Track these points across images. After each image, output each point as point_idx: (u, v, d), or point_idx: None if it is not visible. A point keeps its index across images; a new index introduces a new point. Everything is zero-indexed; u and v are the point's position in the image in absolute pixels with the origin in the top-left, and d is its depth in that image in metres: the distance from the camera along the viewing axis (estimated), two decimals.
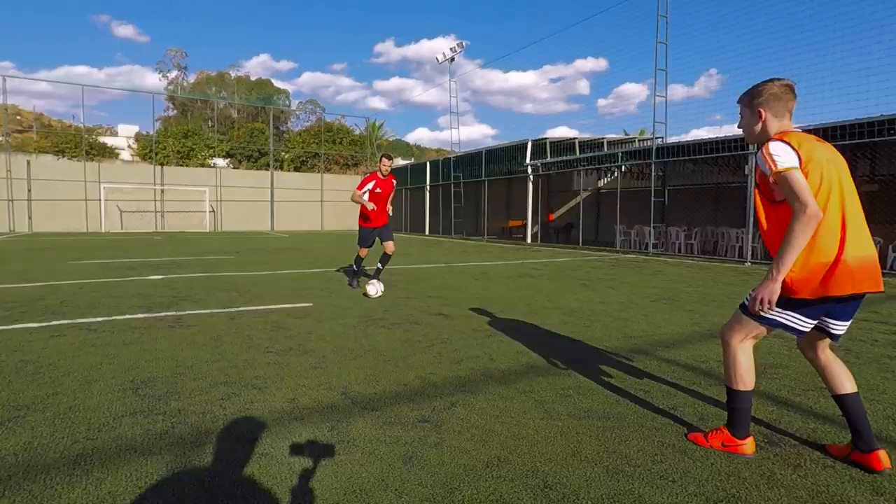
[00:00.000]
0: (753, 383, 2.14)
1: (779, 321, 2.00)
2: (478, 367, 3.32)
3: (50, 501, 1.72)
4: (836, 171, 1.93)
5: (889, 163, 13.78)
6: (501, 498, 1.79)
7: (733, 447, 2.13)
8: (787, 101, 2.03)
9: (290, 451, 2.11)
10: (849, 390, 2.04)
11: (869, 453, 1.97)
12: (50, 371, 3.10)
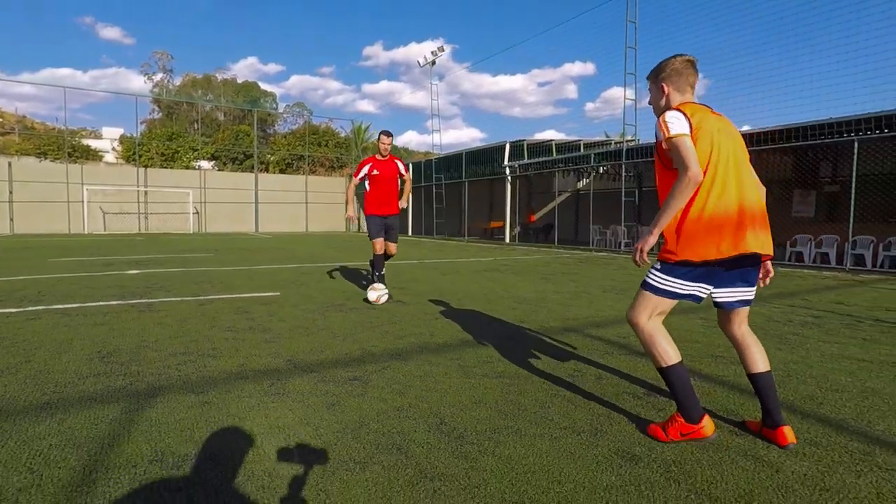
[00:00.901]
0: (678, 355, 2.06)
1: (676, 292, 2.02)
2: (417, 342, 3.68)
3: (18, 434, 2.04)
4: (730, 142, 2.00)
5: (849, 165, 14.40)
6: (401, 431, 2.15)
7: (693, 433, 2.01)
8: (687, 75, 2.13)
9: (230, 400, 2.45)
10: (761, 369, 2.08)
11: (775, 429, 2.02)
12: (24, 345, 3.40)
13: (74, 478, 1.72)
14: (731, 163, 1.97)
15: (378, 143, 5.57)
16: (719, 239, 1.91)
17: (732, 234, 1.92)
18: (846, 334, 4.13)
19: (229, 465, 1.83)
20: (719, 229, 1.91)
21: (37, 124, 50.81)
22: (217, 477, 1.74)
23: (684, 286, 2.01)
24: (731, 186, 1.95)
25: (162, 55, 54.65)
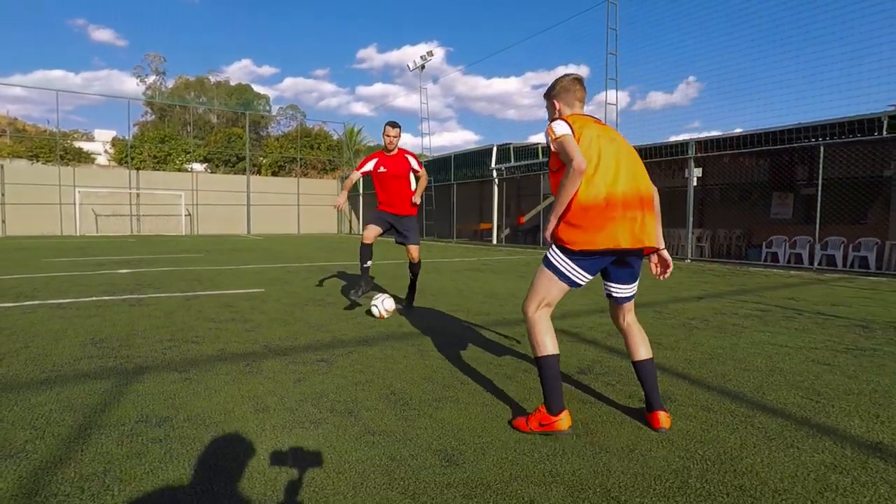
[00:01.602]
0: (555, 348, 2.17)
1: (562, 272, 2.17)
2: (385, 332, 4.02)
3: (22, 402, 2.37)
4: (612, 146, 2.17)
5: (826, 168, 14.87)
6: (355, 400, 2.49)
7: (549, 425, 2.10)
8: (574, 91, 2.33)
9: (208, 377, 2.78)
10: (643, 357, 2.26)
11: (651, 412, 2.19)
12: (22, 334, 3.71)
13: (71, 433, 2.04)
14: (612, 163, 2.12)
15: (383, 135, 4.78)
16: (594, 232, 2.06)
17: (607, 228, 2.05)
18: (782, 325, 4.51)
19: (203, 424, 2.16)
20: (593, 223, 2.06)
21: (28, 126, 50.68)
22: (192, 433, 2.07)
23: (570, 268, 2.16)
24: (608, 183, 2.08)
25: (154, 57, 54.75)
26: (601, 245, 2.07)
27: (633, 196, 2.12)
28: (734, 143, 12.20)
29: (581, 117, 2.25)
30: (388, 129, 4.79)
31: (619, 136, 2.29)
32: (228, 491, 1.63)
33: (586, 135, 2.13)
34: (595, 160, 2.10)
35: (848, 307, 5.54)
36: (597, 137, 2.15)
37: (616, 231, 2.06)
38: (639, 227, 2.10)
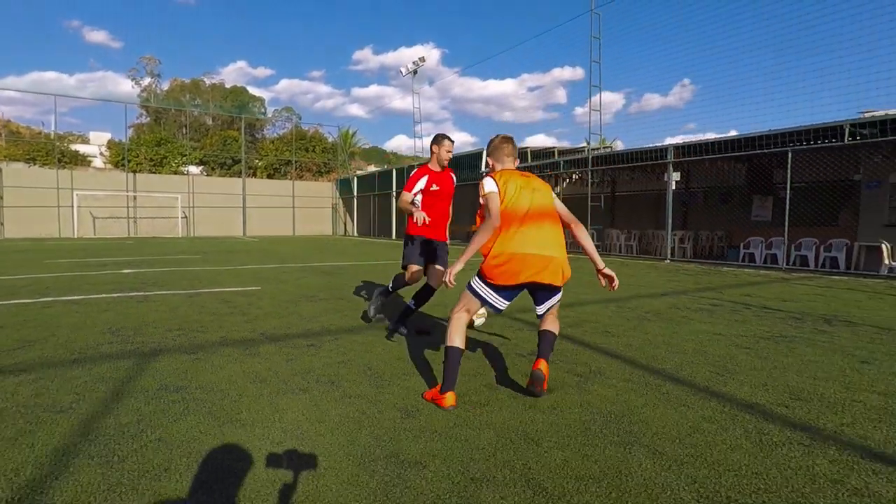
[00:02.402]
0: (461, 343, 2.59)
1: (484, 297, 2.69)
2: (366, 324, 4.52)
3: (60, 376, 2.85)
4: (529, 195, 2.64)
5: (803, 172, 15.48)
6: (337, 374, 2.99)
7: (438, 400, 2.50)
8: (503, 149, 2.82)
9: (214, 357, 3.28)
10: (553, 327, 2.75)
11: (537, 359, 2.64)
12: (46, 325, 4.19)
13: (106, 397, 2.54)
14: (528, 215, 2.61)
15: (438, 148, 4.13)
16: (507, 274, 2.58)
17: (514, 272, 2.56)
18: (726, 317, 5.03)
19: (212, 390, 2.65)
20: (505, 268, 2.57)
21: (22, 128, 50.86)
22: (203, 396, 2.57)
23: (491, 296, 2.68)
24: (519, 239, 2.56)
25: (150, 60, 55.05)
26: (513, 281, 2.59)
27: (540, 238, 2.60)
28: (709, 149, 12.77)
29: (509, 174, 2.72)
30: (446, 142, 4.14)
31: (537, 181, 2.77)
32: (235, 433, 2.13)
33: (509, 190, 2.63)
34: (509, 214, 2.59)
35: (794, 302, 6.08)
36: (518, 189, 2.64)
37: (520, 275, 2.56)
38: (542, 269, 2.58)
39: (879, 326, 4.60)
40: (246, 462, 1.88)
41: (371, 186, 28.83)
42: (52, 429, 2.15)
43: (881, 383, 2.93)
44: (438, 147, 4.12)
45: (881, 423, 2.32)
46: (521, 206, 2.61)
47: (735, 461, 1.93)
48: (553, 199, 2.79)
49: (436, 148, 4.14)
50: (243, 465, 1.85)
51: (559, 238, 2.69)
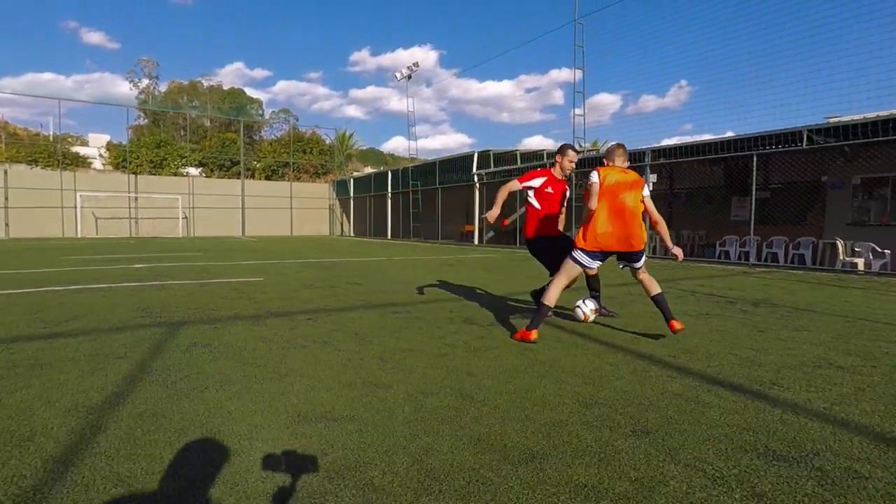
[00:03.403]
0: (553, 304, 3.71)
1: (581, 262, 3.76)
2: (360, 303, 5.28)
3: (108, 337, 3.60)
4: (621, 188, 3.63)
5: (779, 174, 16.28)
6: (331, 337, 3.74)
7: (526, 336, 3.61)
8: (615, 151, 3.88)
9: (229, 327, 4.02)
10: (655, 293, 3.79)
11: (668, 322, 3.70)
12: (82, 306, 4.93)
13: (149, 350, 3.28)
14: (618, 200, 3.63)
15: (561, 158, 4.35)
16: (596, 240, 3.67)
17: (604, 239, 3.66)
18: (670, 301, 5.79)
19: (230, 347, 3.40)
20: (597, 235, 3.66)
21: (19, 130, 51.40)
22: (224, 350, 3.31)
23: (583, 258, 3.75)
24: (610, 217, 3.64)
25: (148, 62, 55.65)
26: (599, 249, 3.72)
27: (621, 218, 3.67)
28: (683, 152, 13.57)
29: (610, 167, 3.78)
30: (570, 153, 4.33)
31: (632, 176, 3.75)
32: (253, 371, 2.88)
33: (609, 178, 3.66)
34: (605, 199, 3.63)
35: (738, 291, 6.86)
36: (613, 183, 3.64)
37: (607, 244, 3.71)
38: (624, 239, 3.70)
39: (795, 307, 5.38)
40: (263, 385, 2.64)
41: (367, 188, 29.59)
42: (117, 367, 2.90)
43: (762, 343, 3.70)
44: (562, 157, 4.35)
45: (740, 367, 3.08)
46: (614, 192, 3.64)
47: (615, 385, 2.69)
48: (642, 191, 3.78)
49: (559, 158, 4.37)
50: (261, 387, 2.61)
51: (638, 218, 3.72)
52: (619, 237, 3.66)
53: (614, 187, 3.64)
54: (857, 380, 2.82)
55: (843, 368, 3.04)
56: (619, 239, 3.67)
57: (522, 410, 2.31)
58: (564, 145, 4.40)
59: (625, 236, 3.67)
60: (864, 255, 10.69)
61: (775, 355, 3.35)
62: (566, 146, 4.39)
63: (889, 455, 1.87)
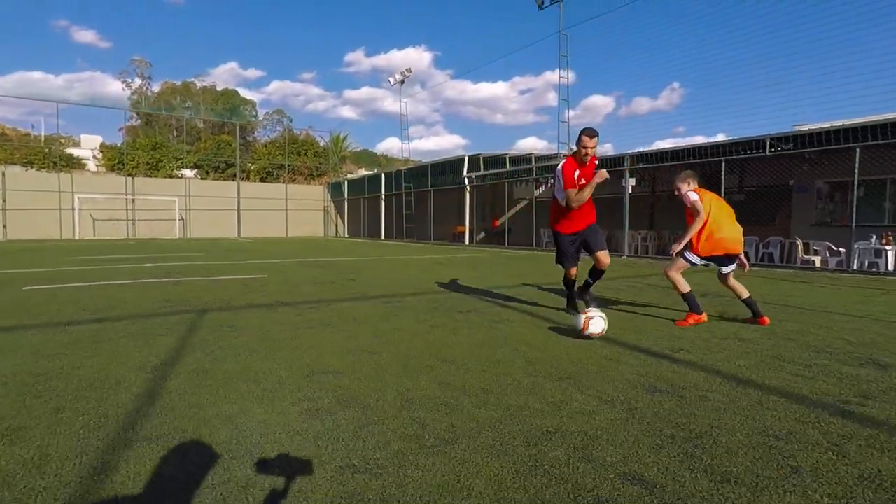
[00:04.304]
0: (688, 286, 4.54)
1: (689, 260, 4.49)
2: (357, 295, 6.00)
3: (147, 321, 4.30)
4: (717, 203, 4.45)
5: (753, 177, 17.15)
6: (332, 321, 4.47)
7: (696, 320, 4.40)
8: (691, 174, 4.57)
9: (245, 313, 4.74)
10: (745, 296, 4.48)
11: (757, 319, 4.42)
12: (111, 298, 5.62)
13: (185, 331, 3.99)
14: (720, 214, 4.40)
15: (579, 146, 4.30)
16: (709, 247, 4.41)
17: (714, 246, 4.39)
18: (628, 293, 6.56)
19: (249, 327, 4.12)
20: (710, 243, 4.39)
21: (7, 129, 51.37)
22: (246, 329, 4.03)
23: (694, 259, 4.52)
24: (717, 227, 4.36)
25: (140, 63, 55.88)
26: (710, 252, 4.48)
27: (726, 226, 4.44)
28: (657, 158, 14.41)
29: (700, 189, 4.54)
30: (584, 139, 4.23)
31: (720, 198, 4.60)
32: (273, 343, 3.60)
33: (706, 199, 4.45)
34: (711, 213, 4.39)
35: (697, 285, 7.57)
36: (712, 199, 4.49)
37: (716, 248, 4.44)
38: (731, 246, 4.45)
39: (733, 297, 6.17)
40: (282, 353, 3.36)
41: (361, 190, 30.27)
42: (163, 341, 3.61)
43: (715, 334, 4.46)
44: (578, 144, 4.36)
45: (665, 340, 3.85)
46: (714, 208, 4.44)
47: (557, 352, 3.45)
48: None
49: (578, 145, 4.38)
50: (280, 354, 3.33)
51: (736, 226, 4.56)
52: (728, 244, 4.41)
53: (712, 203, 4.40)
54: (748, 347, 3.60)
55: (743, 340, 3.82)
56: (730, 245, 4.42)
57: (482, 367, 3.05)
58: (581, 131, 4.37)
59: (734, 242, 4.45)
60: (821, 253, 11.56)
61: (696, 332, 4.12)
62: (582, 131, 4.33)
63: (733, 388, 2.63)
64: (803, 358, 3.31)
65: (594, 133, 4.28)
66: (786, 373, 2.97)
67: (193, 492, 1.60)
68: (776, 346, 3.67)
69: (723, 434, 2.07)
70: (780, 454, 1.89)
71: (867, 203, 13.56)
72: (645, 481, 1.69)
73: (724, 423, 2.17)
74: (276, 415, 2.26)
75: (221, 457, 1.83)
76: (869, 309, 5.46)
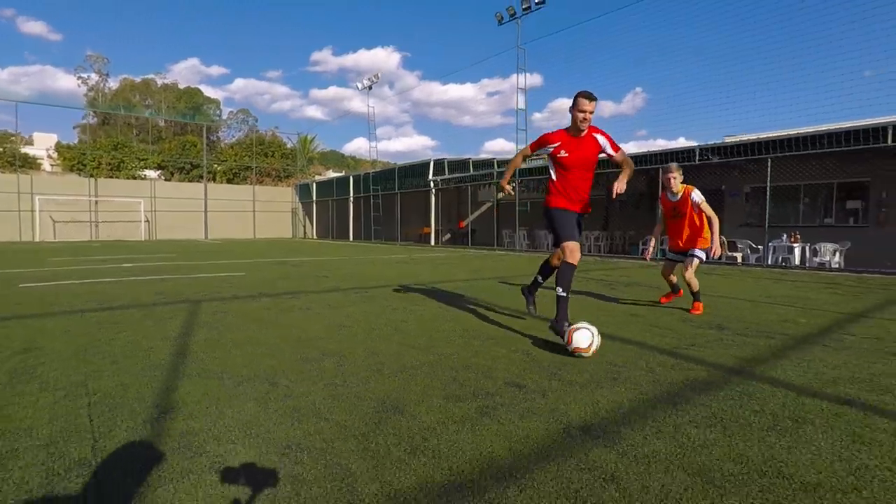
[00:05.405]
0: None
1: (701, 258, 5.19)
2: (326, 289, 6.88)
3: (151, 309, 5.08)
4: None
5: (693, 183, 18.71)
6: (310, 307, 5.35)
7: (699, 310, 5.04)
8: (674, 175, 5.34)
9: (234, 303, 5.57)
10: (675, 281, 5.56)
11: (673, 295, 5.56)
12: (107, 293, 6.32)
13: (187, 316, 4.80)
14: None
15: (574, 110, 3.59)
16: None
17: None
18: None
19: (240, 313, 4.96)
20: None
21: None
22: (238, 313, 4.87)
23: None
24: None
25: (97, 58, 54.40)
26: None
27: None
28: (608, 164, 15.75)
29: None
30: (582, 101, 3.54)
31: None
32: (261, 323, 4.47)
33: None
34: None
35: (627, 277, 8.85)
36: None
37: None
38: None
39: (650, 286, 7.37)
40: (272, 330, 4.25)
41: (329, 192, 30.83)
42: (172, 323, 4.43)
43: (606, 306, 5.57)
44: (573, 108, 3.60)
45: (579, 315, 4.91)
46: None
47: (490, 325, 4.45)
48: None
49: (572, 109, 3.61)
50: (271, 331, 4.22)
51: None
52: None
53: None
54: (638, 319, 4.70)
55: (636, 316, 4.93)
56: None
57: (428, 334, 4.03)
58: (577, 93, 3.57)
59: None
60: (743, 250, 13.09)
61: (598, 312, 5.22)
62: (578, 94, 3.57)
63: (624, 349, 3.70)
64: (670, 324, 4.44)
65: (593, 96, 3.54)
66: (648, 333, 4.07)
67: (233, 399, 2.50)
68: (658, 318, 4.80)
69: (579, 363, 3.11)
70: (612, 371, 2.95)
71: (782, 206, 15.29)
72: (520, 386, 2.70)
73: (583, 362, 3.22)
74: (279, 361, 3.17)
75: (244, 383, 2.74)
76: (752, 294, 6.74)
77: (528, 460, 1.86)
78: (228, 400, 2.48)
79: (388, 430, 2.12)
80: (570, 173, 3.80)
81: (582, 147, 3.73)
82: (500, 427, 2.16)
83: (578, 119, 3.60)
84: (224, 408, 2.37)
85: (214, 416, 2.26)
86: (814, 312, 5.23)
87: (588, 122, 3.62)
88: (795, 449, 1.96)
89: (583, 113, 3.57)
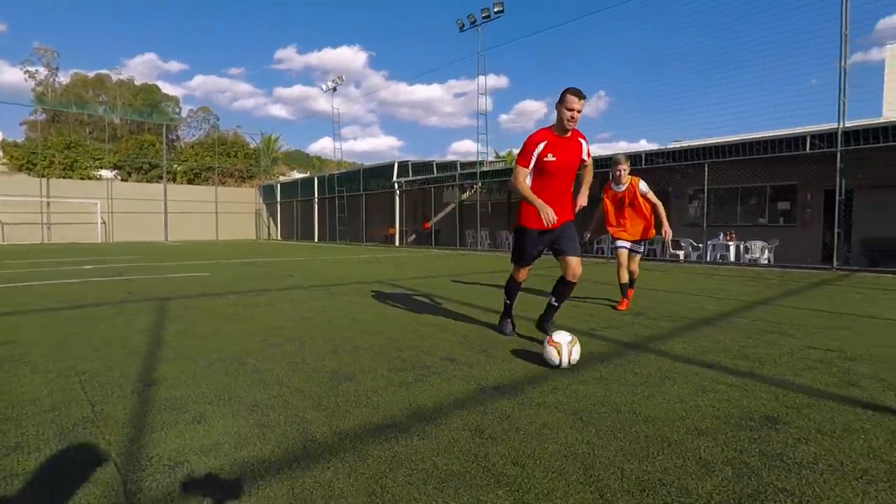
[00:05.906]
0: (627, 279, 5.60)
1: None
2: (290, 287, 7.27)
3: (121, 307, 5.39)
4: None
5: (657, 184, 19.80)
6: (274, 303, 5.76)
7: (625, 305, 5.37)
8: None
9: (204, 299, 5.91)
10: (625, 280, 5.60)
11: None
12: (76, 294, 6.53)
13: (158, 312, 5.14)
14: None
15: (559, 106, 3.39)
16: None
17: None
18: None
19: (208, 310, 5.33)
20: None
21: None
22: (206, 309, 5.24)
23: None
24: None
25: (46, 51, 52.11)
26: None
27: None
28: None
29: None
30: (570, 98, 3.32)
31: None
32: (229, 319, 4.87)
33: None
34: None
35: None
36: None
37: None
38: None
39: (598, 282, 8.09)
40: (242, 324, 4.65)
41: (294, 192, 30.79)
42: (144, 318, 4.77)
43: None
44: (560, 105, 3.37)
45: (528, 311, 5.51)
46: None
47: (441, 316, 4.99)
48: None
49: (558, 107, 3.40)
50: (240, 325, 4.62)
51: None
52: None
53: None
54: (571, 308, 5.34)
55: (576, 307, 5.57)
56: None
57: (380, 322, 4.54)
58: (566, 89, 3.35)
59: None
60: (685, 248, 14.13)
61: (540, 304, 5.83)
62: (567, 90, 3.34)
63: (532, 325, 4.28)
64: (595, 311, 5.09)
65: (583, 94, 3.31)
66: (576, 319, 4.70)
67: (207, 375, 2.94)
68: (589, 307, 5.45)
69: (508, 342, 3.69)
70: (535, 348, 3.53)
71: (723, 207, 16.49)
72: (453, 360, 3.25)
73: (511, 342, 3.79)
74: (246, 346, 3.61)
75: (216, 364, 3.18)
76: (681, 287, 7.54)
77: (446, 409, 2.40)
78: (203, 376, 2.92)
79: (339, 392, 2.62)
80: (554, 179, 3.52)
81: (568, 149, 3.49)
82: (430, 389, 2.69)
83: (566, 117, 3.35)
84: (200, 381, 2.82)
85: (192, 387, 2.71)
86: (724, 301, 6.01)
87: (575, 121, 3.38)
88: (653, 397, 2.57)
89: (571, 111, 3.33)
